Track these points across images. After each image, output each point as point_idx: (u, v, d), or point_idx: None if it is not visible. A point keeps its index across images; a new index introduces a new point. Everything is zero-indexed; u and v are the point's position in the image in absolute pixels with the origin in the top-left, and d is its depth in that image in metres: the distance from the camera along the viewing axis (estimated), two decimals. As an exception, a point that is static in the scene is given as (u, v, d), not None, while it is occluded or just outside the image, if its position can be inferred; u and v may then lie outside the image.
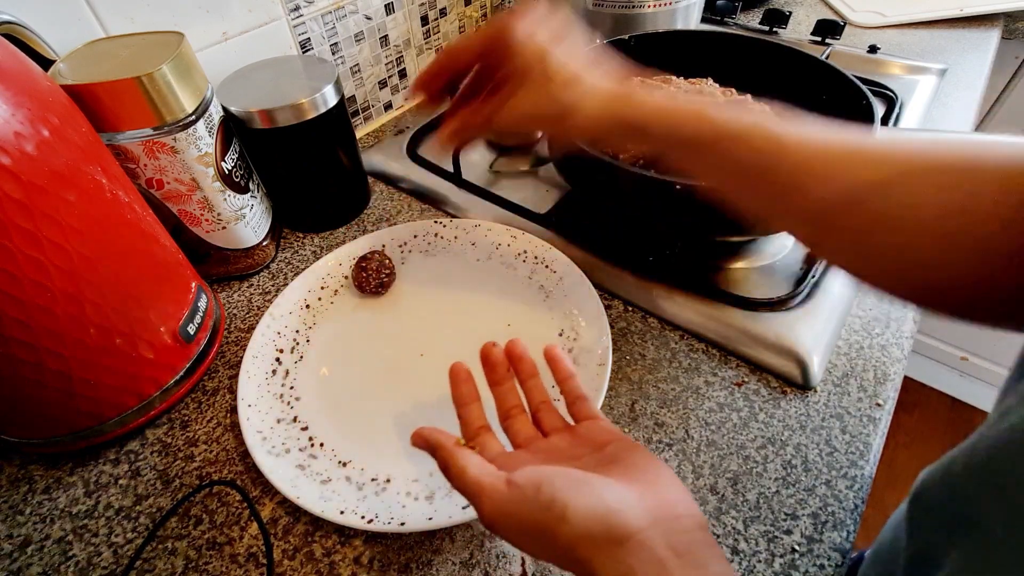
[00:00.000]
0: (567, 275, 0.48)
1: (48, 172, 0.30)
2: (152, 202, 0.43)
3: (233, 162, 0.47)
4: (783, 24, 0.83)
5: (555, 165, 0.55)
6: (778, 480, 0.37)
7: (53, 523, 0.37)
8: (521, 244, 0.52)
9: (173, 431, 0.41)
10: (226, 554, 0.35)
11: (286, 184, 0.54)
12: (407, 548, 0.35)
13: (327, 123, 0.50)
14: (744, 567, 0.33)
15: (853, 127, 0.29)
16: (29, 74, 0.32)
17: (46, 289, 0.32)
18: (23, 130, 0.29)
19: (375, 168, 0.64)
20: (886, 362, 0.43)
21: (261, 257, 0.53)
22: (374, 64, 0.68)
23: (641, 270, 0.49)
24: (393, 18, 0.67)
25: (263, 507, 0.37)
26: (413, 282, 0.51)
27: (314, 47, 0.60)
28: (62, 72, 0.38)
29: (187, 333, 0.42)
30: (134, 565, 0.34)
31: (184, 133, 0.41)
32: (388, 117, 0.75)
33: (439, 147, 0.40)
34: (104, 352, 0.36)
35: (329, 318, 0.48)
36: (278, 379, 0.43)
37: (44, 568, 0.35)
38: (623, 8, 0.68)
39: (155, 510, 0.37)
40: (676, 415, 0.40)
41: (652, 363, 0.44)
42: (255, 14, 0.54)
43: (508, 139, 0.63)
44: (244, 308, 0.50)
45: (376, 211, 0.60)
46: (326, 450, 0.39)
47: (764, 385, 0.42)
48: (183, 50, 0.40)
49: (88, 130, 0.35)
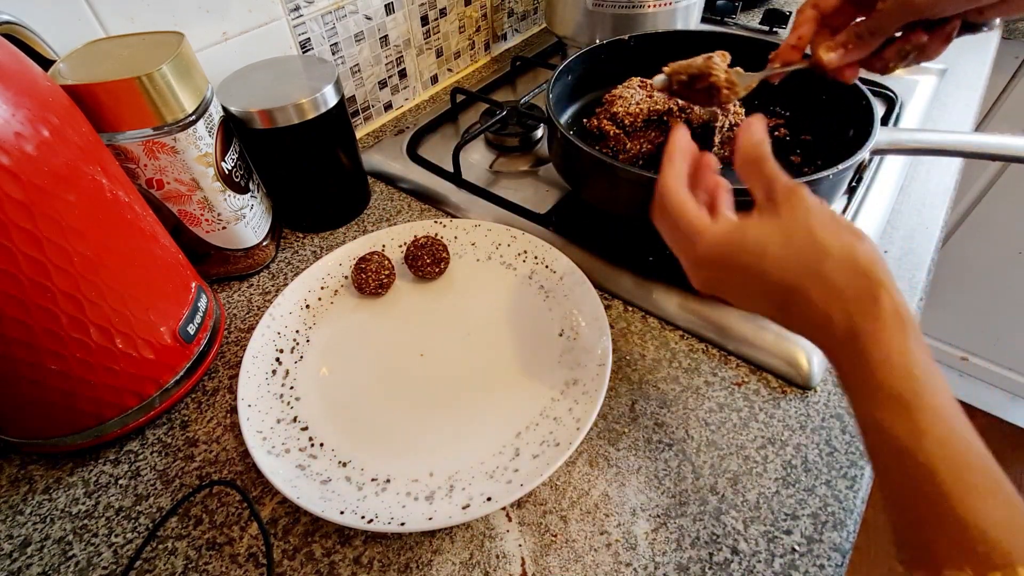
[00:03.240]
0: (567, 275, 0.48)
1: (48, 172, 0.30)
2: (152, 202, 0.43)
3: (233, 162, 0.47)
4: (783, 24, 0.83)
5: (555, 165, 0.55)
6: (778, 480, 0.37)
7: (53, 523, 0.37)
8: (521, 244, 0.52)
9: (173, 431, 0.41)
10: (226, 554, 0.35)
11: (286, 184, 0.54)
12: (407, 548, 0.35)
13: (327, 123, 0.50)
14: (744, 567, 0.33)
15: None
16: (29, 74, 0.32)
17: (46, 289, 0.32)
18: (23, 130, 0.29)
19: (375, 168, 0.64)
20: (886, 362, 0.43)
21: (261, 257, 0.53)
22: (374, 64, 0.68)
23: (641, 270, 0.49)
24: (393, 18, 0.67)
25: (263, 507, 0.37)
26: (413, 282, 0.51)
27: (314, 47, 0.60)
28: (62, 72, 0.38)
29: (187, 333, 0.42)
30: (134, 565, 0.34)
31: (184, 133, 0.41)
32: (388, 117, 0.75)
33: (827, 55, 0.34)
34: (104, 352, 0.36)
35: (329, 318, 0.48)
36: (278, 379, 0.43)
37: (44, 568, 0.35)
38: (623, 8, 0.69)
39: (155, 510, 0.37)
40: (676, 415, 0.40)
41: (652, 363, 0.44)
42: (255, 14, 0.54)
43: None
44: (244, 308, 0.50)
45: (376, 211, 0.60)
46: (326, 450, 0.39)
47: (764, 385, 0.42)
48: (183, 50, 0.40)
49: (88, 130, 0.35)
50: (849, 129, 0.49)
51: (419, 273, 0.50)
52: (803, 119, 0.56)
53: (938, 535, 0.18)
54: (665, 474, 0.37)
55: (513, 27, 0.89)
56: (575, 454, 0.39)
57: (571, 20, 0.73)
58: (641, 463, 0.38)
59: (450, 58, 0.80)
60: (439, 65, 0.78)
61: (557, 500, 0.37)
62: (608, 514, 0.36)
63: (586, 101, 0.62)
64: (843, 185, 0.46)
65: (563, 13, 0.74)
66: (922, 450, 0.18)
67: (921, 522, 0.18)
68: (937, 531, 0.18)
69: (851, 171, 0.43)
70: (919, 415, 0.19)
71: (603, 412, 0.41)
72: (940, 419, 0.19)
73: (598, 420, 0.40)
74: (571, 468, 0.38)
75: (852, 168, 0.42)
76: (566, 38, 0.77)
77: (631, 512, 0.36)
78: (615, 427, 0.40)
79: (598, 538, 0.35)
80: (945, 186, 0.58)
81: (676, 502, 0.36)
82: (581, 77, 0.60)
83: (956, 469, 0.18)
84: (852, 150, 0.42)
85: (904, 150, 0.43)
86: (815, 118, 0.54)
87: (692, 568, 0.33)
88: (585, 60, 0.58)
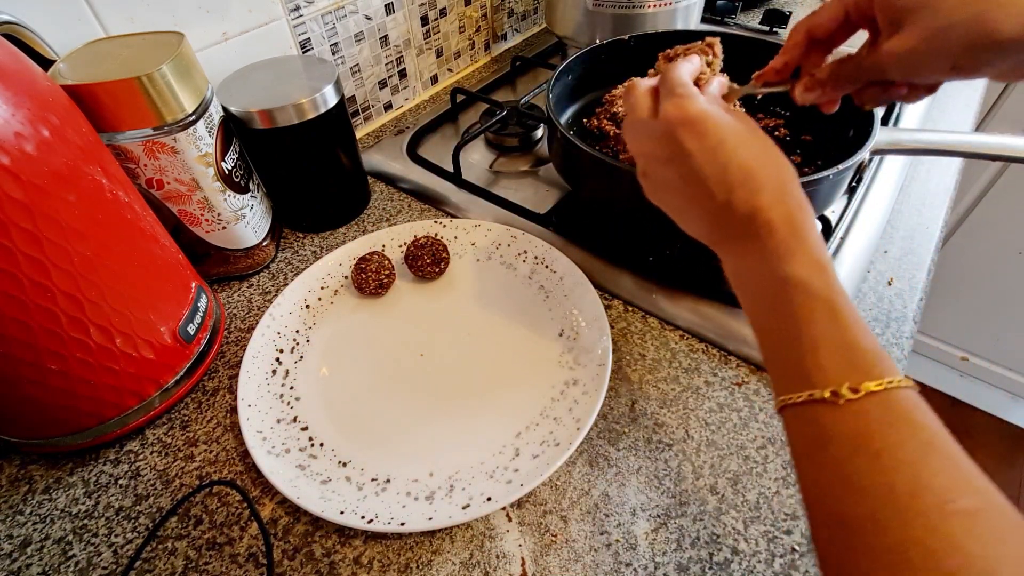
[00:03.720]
0: (567, 275, 0.48)
1: (48, 172, 0.30)
2: (152, 202, 0.43)
3: (233, 162, 0.47)
4: (783, 24, 0.83)
5: (555, 165, 0.55)
6: (778, 480, 0.37)
7: (53, 523, 0.37)
8: (521, 244, 0.52)
9: (173, 431, 0.41)
10: (226, 554, 0.35)
11: (286, 184, 0.54)
12: (407, 548, 0.35)
13: (327, 123, 0.50)
14: (744, 567, 0.33)
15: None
16: (29, 74, 0.32)
17: (46, 289, 0.32)
18: (23, 130, 0.29)
19: (375, 168, 0.64)
20: (886, 362, 0.43)
21: (261, 257, 0.53)
22: (374, 64, 0.68)
23: (641, 270, 0.49)
24: (393, 18, 0.67)
25: (263, 507, 0.37)
26: (413, 282, 0.51)
27: (314, 47, 0.60)
28: (62, 72, 0.38)
29: (187, 333, 0.42)
30: (134, 565, 0.34)
31: (184, 133, 0.41)
32: (388, 117, 0.75)
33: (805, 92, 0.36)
34: (104, 352, 0.36)
35: (329, 318, 0.48)
36: (278, 379, 0.43)
37: (44, 568, 0.35)
38: (623, 8, 0.69)
39: (155, 510, 0.37)
40: (676, 415, 0.40)
41: (652, 363, 0.44)
42: (255, 14, 0.54)
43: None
44: (244, 308, 0.50)
45: (376, 211, 0.60)
46: (326, 450, 0.39)
47: (764, 385, 0.42)
48: (183, 50, 0.40)
49: (88, 130, 0.35)
50: (849, 129, 0.49)
51: (419, 273, 0.50)
52: (803, 119, 0.56)
53: (834, 359, 0.23)
54: (665, 474, 0.37)
55: (513, 27, 0.89)
56: (575, 454, 0.39)
57: (571, 20, 0.73)
58: (641, 463, 0.38)
59: (450, 58, 0.80)
60: (439, 65, 0.78)
61: (557, 500, 0.36)
62: (608, 514, 0.36)
63: (586, 101, 0.63)
64: (843, 185, 0.46)
65: (563, 13, 0.74)
66: (834, 296, 0.25)
67: (815, 350, 0.24)
68: (835, 356, 0.23)
69: (851, 171, 0.43)
70: (830, 273, 0.26)
71: (603, 412, 0.41)
72: (836, 278, 0.26)
73: (598, 420, 0.40)
74: (571, 468, 0.38)
75: (852, 168, 0.42)
76: (566, 38, 0.77)
77: (631, 512, 0.36)
78: (615, 427, 0.40)
79: (598, 538, 0.35)
80: (945, 186, 0.58)
81: (676, 502, 0.36)
82: (581, 77, 0.60)
83: (853, 310, 0.25)
84: (852, 150, 0.42)
85: (904, 150, 0.43)
86: (815, 118, 0.54)
87: (692, 568, 0.33)
88: (585, 60, 0.58)
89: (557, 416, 0.39)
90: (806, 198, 0.28)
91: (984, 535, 0.18)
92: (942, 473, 0.20)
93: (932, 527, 0.19)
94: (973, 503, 0.19)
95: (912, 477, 0.20)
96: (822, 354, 0.24)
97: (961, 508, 0.19)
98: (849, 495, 0.21)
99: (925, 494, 0.19)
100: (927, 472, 0.20)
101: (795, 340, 0.25)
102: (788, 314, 0.26)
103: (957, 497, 0.19)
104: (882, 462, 0.21)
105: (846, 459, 0.22)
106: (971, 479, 0.20)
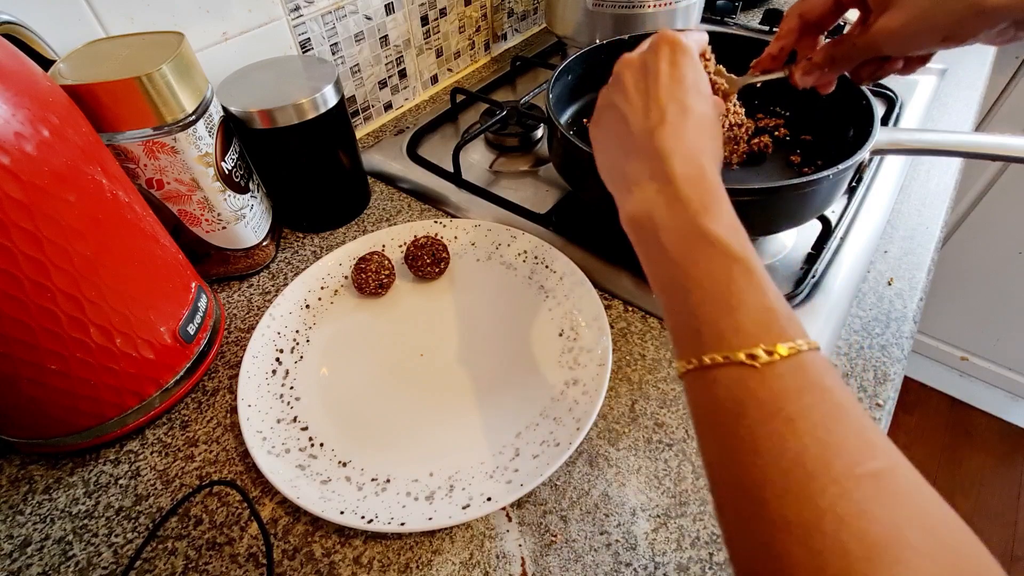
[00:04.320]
0: (567, 275, 0.48)
1: (48, 172, 0.30)
2: (152, 202, 0.43)
3: (233, 162, 0.47)
4: (783, 24, 0.83)
5: (555, 165, 0.55)
6: (778, 480, 0.37)
7: (53, 523, 0.37)
8: (521, 244, 0.52)
9: (173, 431, 0.41)
10: (226, 554, 0.35)
11: (286, 184, 0.54)
12: (407, 548, 0.35)
13: (327, 123, 0.50)
14: (744, 567, 0.33)
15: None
16: (29, 74, 0.32)
17: (46, 289, 0.32)
18: (23, 130, 0.29)
19: (375, 168, 0.64)
20: (886, 362, 0.43)
21: (261, 257, 0.53)
22: (374, 64, 0.68)
23: (641, 270, 0.49)
24: (393, 18, 0.67)
25: (263, 507, 0.37)
26: (413, 282, 0.51)
27: (314, 47, 0.60)
28: (62, 72, 0.38)
29: (187, 333, 0.42)
30: (134, 565, 0.34)
31: (184, 133, 0.41)
32: (388, 117, 0.75)
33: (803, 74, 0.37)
34: (104, 352, 0.36)
35: (329, 318, 0.48)
36: (278, 379, 0.43)
37: (44, 568, 0.35)
38: (623, 8, 0.69)
39: (155, 510, 0.37)
40: (676, 415, 0.40)
41: (652, 363, 0.44)
42: (255, 14, 0.54)
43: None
44: (244, 308, 0.50)
45: (376, 211, 0.60)
46: (326, 450, 0.39)
47: (764, 385, 0.42)
48: (183, 50, 0.40)
49: (88, 130, 0.35)
50: (849, 129, 0.49)
51: (419, 273, 0.50)
52: (803, 119, 0.56)
53: (751, 321, 0.23)
54: (665, 474, 0.37)
55: (513, 27, 0.89)
56: (575, 454, 0.39)
57: (571, 20, 0.73)
58: (641, 463, 0.38)
59: (450, 58, 0.80)
60: (439, 65, 0.78)
61: (557, 500, 0.37)
62: (608, 514, 0.36)
63: (586, 101, 0.62)
64: (843, 185, 0.46)
65: (563, 13, 0.74)
66: (750, 258, 0.25)
67: (733, 310, 0.23)
68: (752, 317, 0.23)
69: (851, 171, 0.43)
70: (745, 235, 0.26)
71: (603, 412, 0.41)
72: (749, 241, 0.26)
73: (598, 420, 0.40)
74: (571, 468, 0.38)
75: (852, 168, 0.42)
76: (566, 38, 0.77)
77: (631, 512, 0.36)
78: (615, 427, 0.40)
79: (598, 538, 0.35)
80: (945, 186, 0.58)
81: (676, 502, 0.36)
82: (581, 77, 0.60)
83: (766, 273, 0.25)
84: (852, 150, 0.42)
85: (904, 150, 0.43)
86: (815, 118, 0.54)
87: (692, 568, 0.33)
88: (585, 60, 0.58)
89: (557, 416, 0.39)
90: (722, 184, 0.28)
91: (889, 497, 0.18)
92: (852, 436, 0.20)
93: (843, 493, 0.18)
94: (879, 464, 0.19)
95: (823, 441, 0.19)
96: (740, 315, 0.23)
97: (869, 471, 0.19)
98: (760, 462, 0.20)
99: (835, 460, 0.19)
100: (838, 436, 0.20)
101: (712, 300, 0.24)
102: (706, 272, 0.25)
103: (866, 460, 0.19)
104: (795, 426, 0.20)
105: (759, 424, 0.21)
106: (876, 440, 0.20)
